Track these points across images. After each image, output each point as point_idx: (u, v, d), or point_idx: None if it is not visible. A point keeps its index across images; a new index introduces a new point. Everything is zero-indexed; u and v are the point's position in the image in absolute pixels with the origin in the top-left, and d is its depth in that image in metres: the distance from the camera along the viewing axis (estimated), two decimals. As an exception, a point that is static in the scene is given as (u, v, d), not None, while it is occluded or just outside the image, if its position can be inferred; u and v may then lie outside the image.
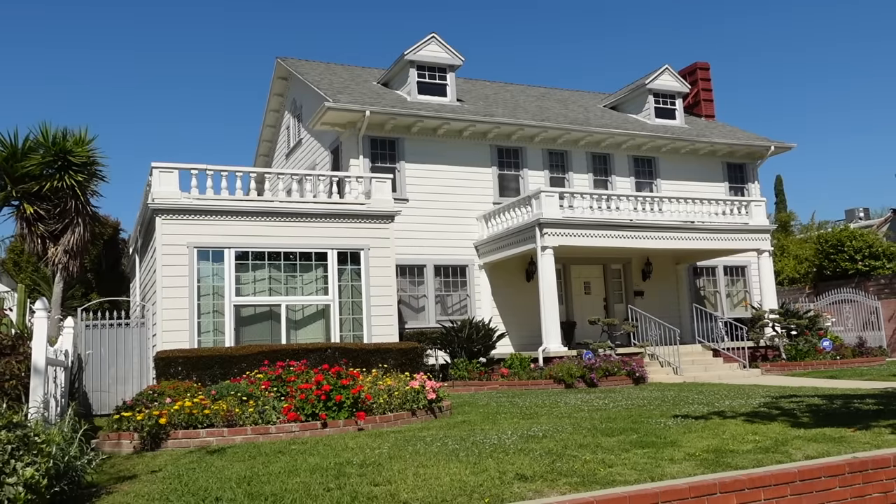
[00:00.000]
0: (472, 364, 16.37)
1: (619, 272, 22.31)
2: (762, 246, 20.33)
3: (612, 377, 16.21)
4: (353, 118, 19.01)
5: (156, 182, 14.26)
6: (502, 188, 20.91)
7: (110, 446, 8.93)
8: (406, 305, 19.15)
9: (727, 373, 18.02)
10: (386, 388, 10.68)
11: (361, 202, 15.82)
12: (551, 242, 17.54)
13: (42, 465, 5.48)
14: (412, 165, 19.85)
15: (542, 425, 9.10)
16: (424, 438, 8.33)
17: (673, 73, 24.49)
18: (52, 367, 8.59)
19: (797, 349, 19.16)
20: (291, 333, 14.77)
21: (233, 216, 14.59)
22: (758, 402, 10.84)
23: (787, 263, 29.75)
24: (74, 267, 15.74)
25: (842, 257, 25.85)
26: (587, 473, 6.17)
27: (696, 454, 6.82)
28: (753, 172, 24.64)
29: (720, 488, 5.69)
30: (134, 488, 6.48)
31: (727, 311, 23.12)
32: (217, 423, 9.21)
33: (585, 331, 20.48)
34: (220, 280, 14.30)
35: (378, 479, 6.21)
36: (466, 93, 23.15)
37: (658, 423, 8.95)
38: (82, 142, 15.35)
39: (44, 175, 15.21)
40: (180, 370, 12.69)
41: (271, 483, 6.27)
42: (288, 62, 23.30)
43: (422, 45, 20.91)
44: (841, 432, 7.71)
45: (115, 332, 14.22)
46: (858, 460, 6.35)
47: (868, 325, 23.59)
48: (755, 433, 7.83)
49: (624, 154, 22.77)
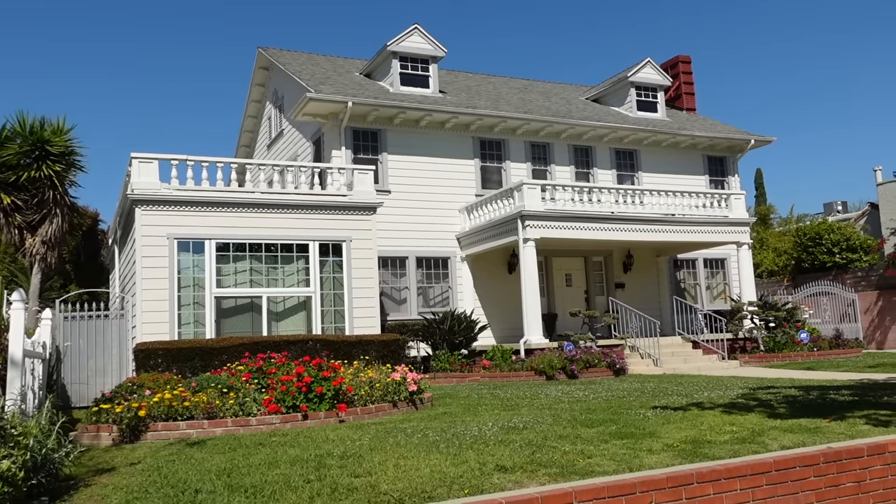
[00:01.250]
0: (453, 356, 16.41)
1: (600, 264, 22.43)
2: (742, 239, 20.51)
3: (592, 369, 16.31)
4: (336, 109, 18.92)
5: (135, 172, 14.13)
6: (485, 180, 20.92)
7: (89, 439, 8.88)
8: (388, 297, 19.14)
9: (706, 364, 18.20)
10: (367, 380, 10.68)
11: (343, 194, 15.77)
12: (533, 235, 17.58)
13: (19, 457, 5.44)
14: (394, 157, 19.81)
15: (523, 417, 9.15)
16: (405, 430, 8.35)
17: (655, 67, 24.58)
18: (30, 360, 8.52)
19: (775, 341, 19.37)
20: (273, 325, 14.72)
21: (213, 207, 14.49)
22: (735, 394, 10.96)
23: (766, 256, 30.04)
24: (52, 258, 15.61)
25: (820, 250, 26.13)
26: (566, 464, 6.22)
27: (675, 445, 6.89)
28: (734, 166, 24.82)
29: (697, 478, 5.76)
30: (112, 481, 6.45)
31: (707, 303, 23.32)
32: (197, 415, 9.18)
33: (567, 323, 20.58)
34: (201, 271, 14.22)
35: (358, 471, 6.22)
36: (449, 84, 23.11)
37: (637, 414, 9.03)
38: (60, 131, 15.20)
39: (21, 165, 15.06)
40: (160, 362, 12.61)
41: (251, 475, 6.26)
42: (269, 52, 23.14)
43: (404, 37, 20.84)
44: (817, 423, 7.82)
45: (94, 324, 14.12)
46: (833, 450, 6.44)
47: (845, 317, 23.89)
48: (732, 424, 7.92)
49: (606, 147, 22.85)
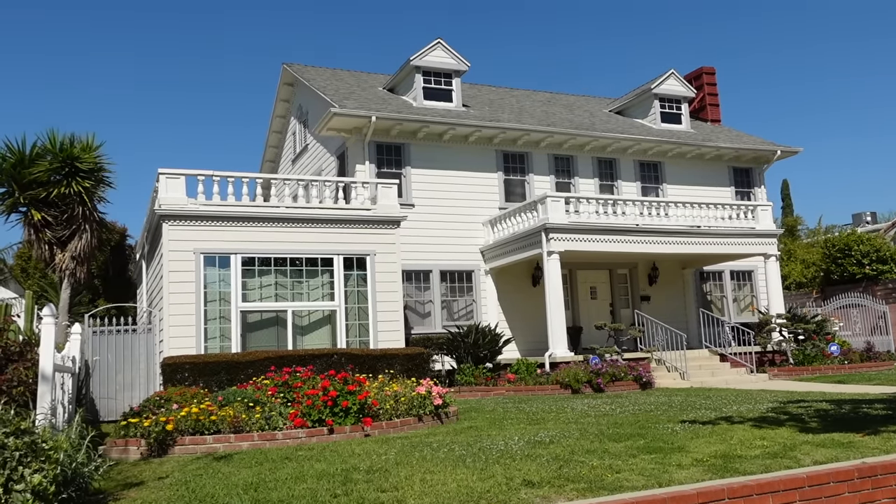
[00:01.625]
0: (478, 369, 16.35)
1: (625, 277, 22.27)
2: (769, 250, 20.27)
3: (618, 382, 16.17)
4: (359, 124, 19.04)
5: (162, 188, 14.30)
6: (508, 193, 20.91)
7: (117, 453, 8.94)
8: (412, 311, 19.14)
9: (734, 378, 17.96)
10: (392, 394, 10.66)
11: (367, 208, 15.83)
12: (557, 247, 17.52)
13: (50, 471, 5.48)
14: (418, 171, 19.87)
15: (549, 431, 9.08)
16: (431, 444, 8.31)
17: (678, 78, 24.47)
18: (60, 374, 8.61)
19: (805, 354, 19.08)
20: (298, 339, 14.78)
21: (239, 222, 14.62)
22: (765, 408, 10.79)
23: (794, 268, 29.66)
24: (81, 273, 15.83)
25: (849, 261, 25.75)
26: (594, 479, 6.15)
27: (704, 460, 6.79)
28: (760, 177, 24.59)
29: (728, 494, 5.66)
30: (141, 495, 6.48)
31: (734, 315, 23.05)
32: (224, 429, 9.21)
33: (592, 336, 20.44)
34: (227, 286, 14.32)
35: (385, 486, 6.20)
36: (472, 98, 23.18)
37: (665, 428, 8.92)
38: (89, 148, 15.45)
39: (51, 181, 15.31)
40: (187, 376, 12.70)
41: (278, 489, 6.26)
42: (294, 68, 23.37)
43: (427, 51, 20.96)
44: (850, 437, 7.67)
45: (121, 339, 14.27)
46: (868, 466, 6.31)
47: (876, 329, 23.47)
48: (763, 438, 7.79)
49: (630, 159, 22.76)
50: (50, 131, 15.20)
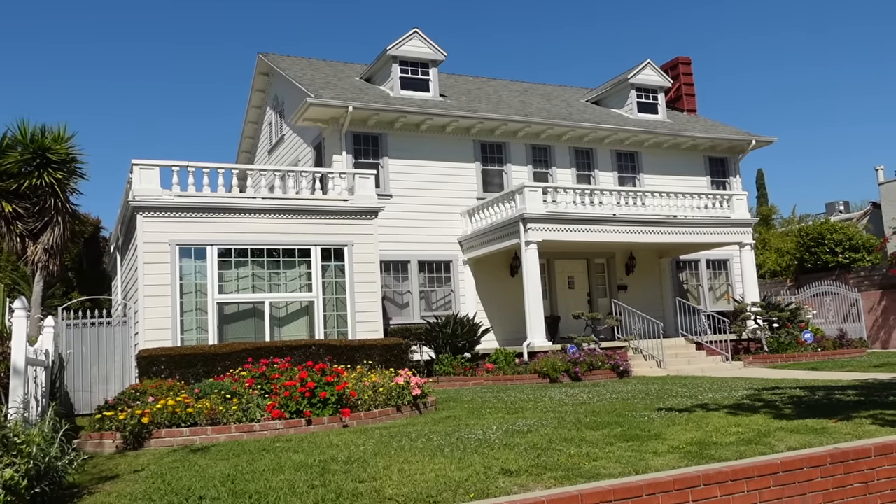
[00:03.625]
0: (456, 359, 16.38)
1: (602, 266, 22.40)
2: (744, 239, 20.48)
3: (596, 371, 16.27)
4: (336, 114, 18.93)
5: (136, 179, 14.13)
6: (486, 183, 20.91)
7: (92, 446, 8.85)
8: (390, 301, 19.12)
9: (710, 365, 18.16)
10: (370, 385, 10.65)
11: (345, 198, 15.76)
12: (535, 237, 17.57)
13: (22, 465, 5.41)
14: (395, 161, 19.80)
15: (527, 420, 9.11)
16: (409, 434, 8.32)
17: (655, 68, 24.58)
18: (32, 367, 8.49)
19: (779, 341, 19.32)
20: (275, 331, 14.70)
21: (215, 213, 14.48)
22: (740, 395, 10.91)
23: (768, 257, 29.99)
24: (54, 266, 15.62)
25: (822, 250, 26.07)
26: (572, 467, 6.18)
27: (680, 447, 6.86)
28: (735, 166, 24.80)
29: (704, 480, 5.72)
30: (116, 488, 6.42)
31: (710, 304, 23.27)
32: (201, 421, 9.15)
33: (570, 325, 20.54)
34: (203, 277, 14.21)
35: (363, 476, 6.19)
36: (449, 88, 23.12)
37: (642, 416, 8.99)
38: (61, 139, 15.23)
39: (22, 173, 15.08)
40: (163, 369, 12.60)
41: (255, 481, 6.23)
42: (269, 57, 23.15)
43: (404, 41, 20.85)
44: (823, 423, 7.78)
45: (96, 331, 14.11)
46: (840, 451, 6.40)
47: (849, 316, 23.83)
48: (738, 425, 7.88)
49: (607, 149, 22.84)
50: (20, 122, 14.99)
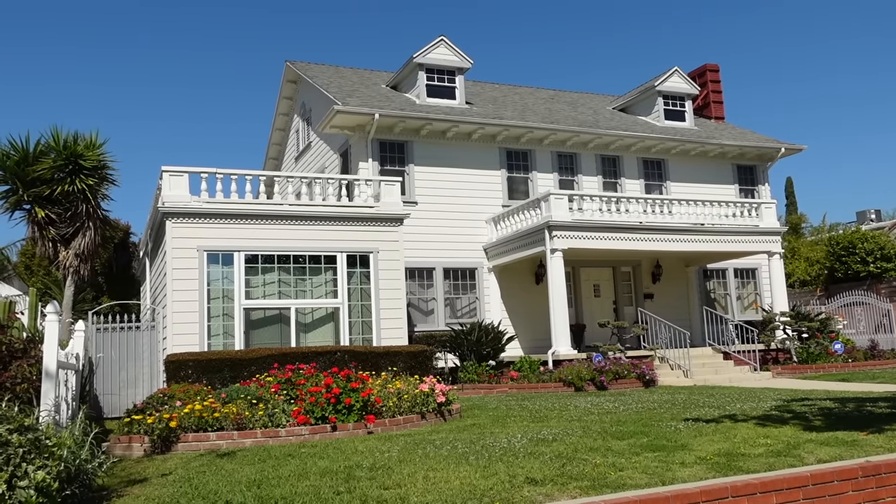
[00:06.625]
0: (481, 367, 16.35)
1: (628, 275, 22.25)
2: (773, 248, 20.23)
3: (621, 380, 16.15)
4: (362, 121, 19.04)
5: (166, 186, 14.31)
6: (511, 191, 20.89)
7: (121, 449, 8.96)
8: (415, 308, 19.14)
9: (738, 376, 17.94)
10: (395, 392, 10.67)
11: (371, 205, 15.83)
12: (560, 245, 17.50)
13: (53, 468, 5.49)
14: (421, 168, 19.86)
15: (552, 429, 9.07)
16: (434, 442, 8.31)
17: (682, 75, 24.42)
18: (63, 371, 8.62)
19: (808, 352, 19.04)
20: (301, 336, 14.78)
21: (242, 219, 14.62)
22: (769, 406, 10.77)
23: (797, 266, 29.60)
24: (85, 270, 15.84)
25: (853, 259, 25.69)
26: (597, 477, 6.14)
27: (708, 458, 6.78)
28: (763, 174, 24.53)
29: (732, 492, 5.65)
30: (144, 491, 6.49)
31: (737, 313, 23.02)
32: (227, 426, 9.22)
33: (595, 334, 20.42)
34: (230, 283, 14.33)
35: (388, 483, 6.20)
36: (475, 95, 23.15)
37: (669, 426, 8.91)
38: (93, 146, 15.44)
39: (55, 179, 15.31)
40: (190, 373, 12.71)
41: (281, 486, 6.27)
42: (297, 65, 23.35)
43: (431, 48, 20.93)
44: (853, 436, 7.65)
45: (125, 336, 14.28)
46: (871, 464, 6.29)
47: (880, 327, 23.42)
48: (767, 437, 7.78)
49: (633, 156, 22.72)
50: (53, 128, 15.20)
